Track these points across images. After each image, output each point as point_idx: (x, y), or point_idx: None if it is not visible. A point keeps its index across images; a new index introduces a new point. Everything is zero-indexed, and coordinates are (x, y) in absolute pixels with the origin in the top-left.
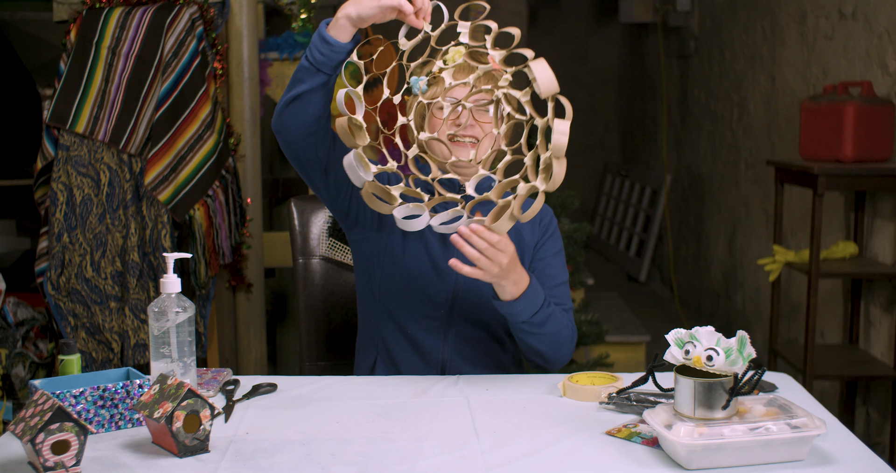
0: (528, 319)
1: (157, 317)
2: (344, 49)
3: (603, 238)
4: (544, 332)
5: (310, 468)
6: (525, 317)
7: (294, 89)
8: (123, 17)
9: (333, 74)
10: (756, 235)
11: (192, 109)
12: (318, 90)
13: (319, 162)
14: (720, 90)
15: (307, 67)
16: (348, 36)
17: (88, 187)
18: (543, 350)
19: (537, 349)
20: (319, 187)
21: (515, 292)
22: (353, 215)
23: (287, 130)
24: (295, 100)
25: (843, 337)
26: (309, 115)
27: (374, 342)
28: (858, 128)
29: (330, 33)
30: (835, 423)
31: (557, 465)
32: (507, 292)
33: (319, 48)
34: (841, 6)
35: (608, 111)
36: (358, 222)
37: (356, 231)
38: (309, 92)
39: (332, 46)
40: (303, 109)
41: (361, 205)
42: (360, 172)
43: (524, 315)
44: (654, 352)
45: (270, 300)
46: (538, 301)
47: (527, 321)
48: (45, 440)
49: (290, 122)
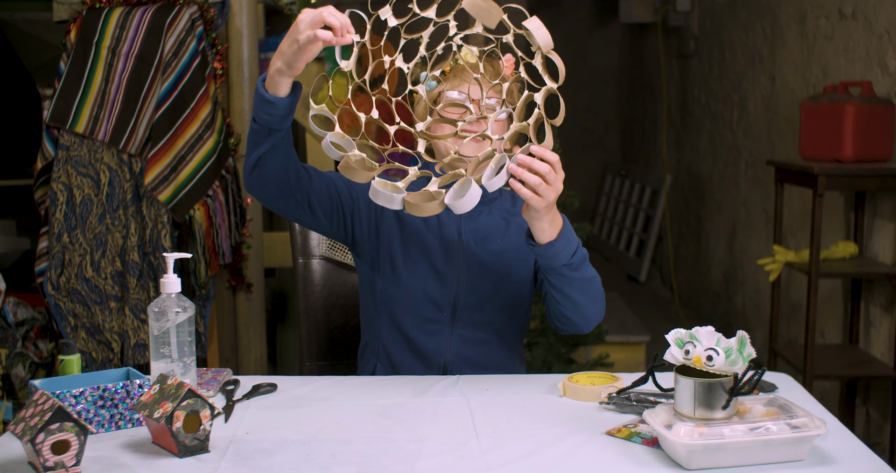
0: (568, 261)
1: (157, 317)
2: (285, 103)
3: (603, 238)
4: (583, 276)
5: (310, 468)
6: (566, 258)
7: (253, 153)
8: (123, 17)
9: (284, 127)
10: (756, 235)
11: (192, 109)
12: (277, 148)
13: (301, 205)
14: (720, 90)
15: (258, 130)
16: (286, 88)
17: (88, 187)
18: (581, 301)
19: (575, 302)
20: (311, 225)
21: (554, 231)
22: (351, 237)
23: (262, 193)
24: (257, 165)
25: (843, 337)
26: (276, 170)
27: (374, 349)
28: (858, 128)
29: (269, 92)
30: (835, 423)
31: (557, 465)
32: (547, 232)
33: (263, 109)
34: (841, 6)
35: (608, 111)
36: (357, 242)
37: (357, 248)
38: (269, 153)
39: (274, 105)
40: (268, 170)
41: (357, 225)
42: (337, 142)
43: (565, 256)
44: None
45: (270, 300)
46: (574, 240)
47: (567, 263)
48: (45, 440)
49: (261, 184)
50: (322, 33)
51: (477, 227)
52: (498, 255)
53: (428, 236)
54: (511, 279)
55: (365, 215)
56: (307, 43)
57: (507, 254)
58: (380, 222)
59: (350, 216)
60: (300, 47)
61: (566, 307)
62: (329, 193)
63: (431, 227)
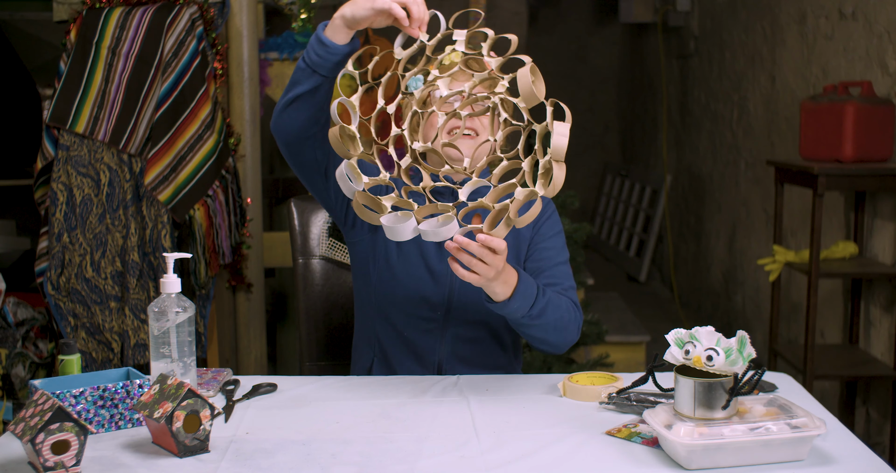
0: (526, 313)
1: (157, 317)
2: (340, 51)
3: (603, 238)
4: (545, 322)
5: (310, 468)
6: (523, 312)
7: (291, 92)
8: (123, 17)
9: (330, 75)
10: (756, 235)
11: (192, 109)
12: (316, 92)
13: (318, 164)
14: (720, 90)
15: (303, 69)
16: (345, 38)
17: (88, 187)
18: (548, 338)
19: (542, 338)
20: (318, 190)
21: (507, 291)
22: (351, 218)
23: (285, 132)
24: (293, 102)
25: (843, 337)
26: (306, 117)
27: (370, 344)
28: (858, 128)
29: (326, 35)
30: (835, 423)
31: (557, 465)
32: (500, 294)
33: (316, 49)
34: (841, 6)
35: (608, 111)
36: (355, 225)
37: (353, 233)
38: (306, 94)
39: (328, 48)
40: (300, 112)
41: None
42: (352, 183)
43: (521, 311)
44: (654, 352)
45: (270, 300)
46: (531, 294)
47: (525, 315)
48: (45, 440)
49: (288, 124)
50: (397, 10)
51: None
52: None
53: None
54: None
55: None
56: (381, 9)
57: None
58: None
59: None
60: (374, 10)
61: (534, 341)
62: None
63: None
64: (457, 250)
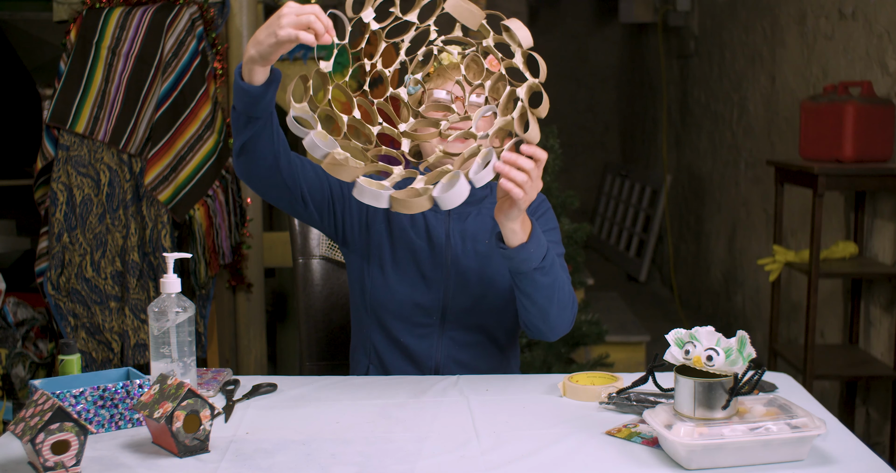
0: (539, 264)
1: (157, 317)
2: (260, 92)
3: (603, 238)
4: (553, 281)
5: (310, 468)
6: (537, 261)
7: (237, 140)
8: (123, 17)
9: (264, 115)
10: (756, 235)
11: (192, 109)
12: (260, 135)
13: (294, 194)
14: (720, 90)
15: (237, 117)
16: (263, 75)
17: (88, 187)
18: (549, 311)
19: (543, 309)
20: (303, 216)
21: (524, 234)
22: (342, 234)
23: (252, 180)
24: (242, 151)
25: (843, 337)
26: (262, 158)
27: (365, 352)
28: (858, 128)
29: (245, 80)
30: (835, 423)
31: (557, 465)
32: (518, 235)
33: (240, 97)
34: (841, 6)
35: (608, 111)
36: (347, 240)
37: (347, 248)
38: (252, 140)
39: (249, 92)
40: (255, 156)
41: (347, 222)
42: (319, 143)
43: (536, 259)
44: (654, 352)
45: (270, 300)
46: (544, 243)
47: (538, 266)
48: (45, 440)
49: (251, 171)
50: (304, 36)
51: (465, 228)
52: (486, 257)
53: (416, 240)
54: (500, 281)
55: (356, 214)
56: (286, 41)
57: (496, 255)
58: (371, 222)
59: (341, 214)
60: (278, 42)
61: (534, 314)
62: (321, 187)
63: (419, 229)
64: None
